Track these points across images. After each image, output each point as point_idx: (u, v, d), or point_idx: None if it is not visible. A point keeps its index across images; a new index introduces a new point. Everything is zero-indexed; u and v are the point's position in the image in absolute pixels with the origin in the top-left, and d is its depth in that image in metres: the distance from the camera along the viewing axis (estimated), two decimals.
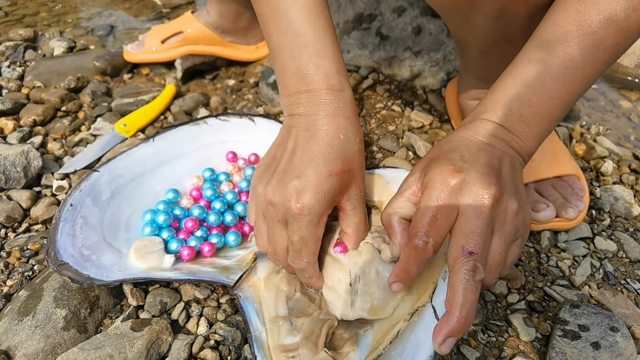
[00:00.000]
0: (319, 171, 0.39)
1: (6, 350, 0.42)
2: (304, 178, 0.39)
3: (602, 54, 0.37)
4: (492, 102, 0.40)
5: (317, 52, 0.41)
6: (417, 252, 0.36)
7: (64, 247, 0.46)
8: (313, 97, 0.42)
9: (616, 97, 0.93)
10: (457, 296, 0.33)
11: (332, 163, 0.40)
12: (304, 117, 0.42)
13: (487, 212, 0.35)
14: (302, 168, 0.39)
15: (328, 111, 0.41)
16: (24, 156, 0.62)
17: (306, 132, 0.41)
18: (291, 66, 0.42)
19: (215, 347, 0.44)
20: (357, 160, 0.42)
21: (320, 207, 0.39)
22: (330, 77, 0.42)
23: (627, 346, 0.43)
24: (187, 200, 0.55)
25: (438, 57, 0.82)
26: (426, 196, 0.37)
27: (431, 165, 0.38)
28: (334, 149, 0.40)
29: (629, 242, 0.60)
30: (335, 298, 0.41)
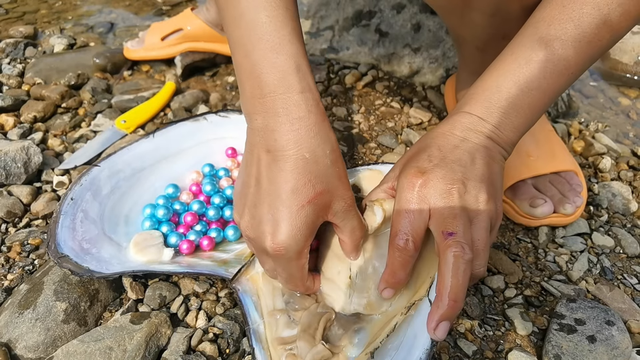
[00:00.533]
0: (289, 205, 0.36)
1: (7, 343, 0.42)
2: (275, 214, 0.36)
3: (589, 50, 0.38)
4: (473, 94, 0.40)
5: (273, 47, 0.36)
6: (399, 251, 0.37)
7: (64, 240, 0.46)
8: (270, 106, 0.36)
9: (615, 94, 0.93)
10: (445, 279, 0.34)
11: (302, 192, 0.36)
12: (263, 134, 0.37)
13: (457, 202, 0.36)
14: (270, 202, 0.36)
15: (287, 125, 0.36)
16: (24, 152, 0.62)
17: (268, 155, 0.37)
18: (245, 64, 0.37)
19: (214, 340, 0.44)
20: (332, 173, 0.38)
21: (298, 243, 0.37)
22: (288, 76, 0.36)
23: (623, 339, 0.43)
24: (186, 195, 0.55)
25: (437, 53, 0.83)
26: (397, 199, 0.39)
27: (404, 166, 0.40)
28: (301, 173, 0.36)
29: (627, 237, 0.60)
30: (334, 290, 0.42)
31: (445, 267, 0.34)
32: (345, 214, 0.39)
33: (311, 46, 0.90)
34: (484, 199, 0.37)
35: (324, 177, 0.37)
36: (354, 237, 0.41)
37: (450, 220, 0.35)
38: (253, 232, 0.38)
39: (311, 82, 0.38)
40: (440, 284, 0.34)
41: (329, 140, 0.38)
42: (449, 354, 0.45)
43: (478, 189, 0.37)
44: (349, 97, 0.81)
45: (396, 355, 0.38)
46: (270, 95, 0.36)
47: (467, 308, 0.49)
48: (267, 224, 0.36)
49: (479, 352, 0.45)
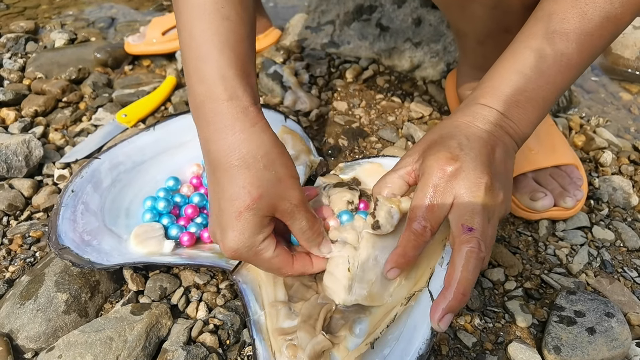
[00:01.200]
0: (229, 213, 0.37)
1: (8, 334, 0.42)
2: (221, 223, 0.38)
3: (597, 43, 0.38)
4: (490, 87, 0.40)
5: (200, 57, 0.37)
6: (415, 235, 0.37)
7: (65, 231, 0.46)
8: (202, 116, 0.38)
9: (617, 89, 0.93)
10: (456, 272, 0.34)
11: (238, 199, 0.37)
12: (203, 143, 0.39)
13: (482, 197, 0.36)
14: (217, 212, 0.38)
15: (215, 134, 0.37)
16: (25, 145, 0.62)
17: (208, 167, 0.39)
18: (186, 75, 0.39)
19: (215, 332, 0.44)
20: (268, 176, 0.37)
21: (246, 244, 0.37)
22: (213, 86, 0.37)
23: (622, 331, 0.43)
24: (187, 188, 0.55)
25: (438, 48, 0.82)
26: (423, 182, 0.38)
27: (429, 150, 0.39)
28: (234, 181, 0.37)
29: (627, 231, 0.60)
30: (334, 282, 0.42)
31: (459, 260, 0.34)
32: (291, 214, 0.39)
33: (312, 40, 0.90)
34: (501, 198, 0.38)
35: (258, 182, 0.37)
36: (306, 237, 0.41)
37: (472, 216, 0.36)
38: (221, 245, 0.39)
39: (239, 89, 0.37)
40: (451, 275, 0.35)
41: (259, 145, 0.37)
42: (449, 346, 0.45)
43: (499, 186, 0.37)
44: (350, 92, 0.81)
45: (396, 345, 0.38)
46: (201, 106, 0.38)
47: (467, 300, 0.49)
48: (217, 232, 0.39)
49: (478, 344, 0.45)
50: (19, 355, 0.42)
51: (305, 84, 0.82)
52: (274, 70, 0.80)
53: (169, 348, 0.42)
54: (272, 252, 0.39)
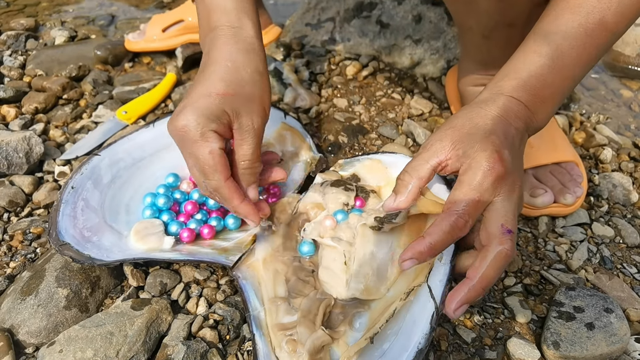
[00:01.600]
0: (197, 92, 0.41)
1: (9, 329, 0.43)
2: (184, 101, 0.41)
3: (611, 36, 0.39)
4: (517, 79, 0.39)
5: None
6: (454, 229, 0.36)
7: (65, 228, 0.46)
8: (213, 36, 0.44)
9: (617, 86, 0.93)
10: (484, 267, 0.35)
11: (212, 85, 0.41)
12: (206, 55, 0.45)
13: (517, 200, 0.38)
14: (186, 95, 0.42)
15: (221, 45, 0.43)
16: (25, 142, 0.62)
17: (201, 68, 0.44)
18: (201, 10, 0.46)
19: (215, 327, 0.44)
20: (249, 89, 0.43)
21: (198, 120, 0.40)
22: (228, 14, 0.44)
23: (621, 326, 0.44)
24: (186, 185, 0.56)
25: (438, 45, 0.82)
26: (471, 177, 0.37)
27: (470, 143, 0.38)
28: (218, 73, 0.42)
29: (627, 228, 0.60)
30: (331, 277, 0.42)
31: (491, 257, 0.35)
32: (247, 132, 0.43)
33: (312, 37, 0.90)
34: (522, 199, 0.39)
35: (238, 85, 0.42)
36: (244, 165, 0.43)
37: (512, 218, 0.36)
38: (168, 123, 0.42)
39: (249, 20, 0.45)
40: (477, 269, 0.35)
41: (254, 63, 0.44)
42: (448, 341, 0.45)
43: (523, 188, 0.39)
44: (350, 89, 0.81)
45: (395, 340, 0.38)
46: (214, 29, 0.45)
47: None
48: (177, 109, 0.41)
49: (477, 340, 0.46)
50: (20, 350, 0.42)
51: (305, 80, 0.82)
52: (274, 67, 0.80)
53: (169, 343, 0.42)
54: (217, 147, 0.41)
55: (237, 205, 0.43)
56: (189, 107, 0.40)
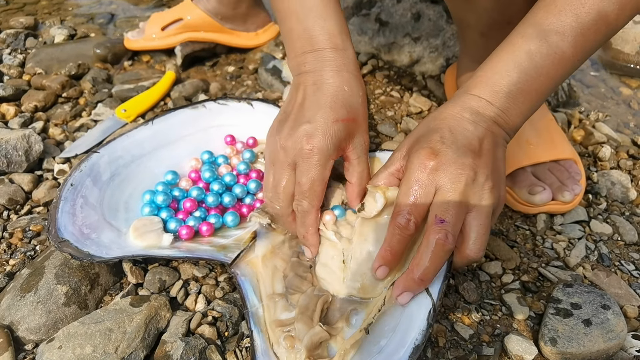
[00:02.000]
0: (326, 117, 0.43)
1: (9, 325, 0.43)
2: (313, 123, 0.42)
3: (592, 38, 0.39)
4: (481, 77, 0.41)
5: (321, 15, 0.45)
6: (399, 229, 0.39)
7: (64, 225, 0.46)
8: (319, 56, 0.45)
9: (617, 84, 0.93)
10: (422, 259, 0.37)
11: (339, 111, 0.43)
12: (311, 74, 0.46)
13: (462, 189, 0.38)
14: (311, 115, 0.43)
15: (333, 67, 0.45)
16: (25, 140, 0.62)
17: (314, 86, 0.45)
18: (298, 29, 0.46)
19: (213, 323, 0.45)
20: (362, 111, 0.46)
21: (329, 148, 0.42)
22: (334, 36, 0.45)
23: (618, 323, 0.44)
24: (185, 182, 0.56)
25: (437, 43, 0.82)
26: (406, 178, 0.39)
27: (414, 146, 0.41)
28: (340, 99, 0.44)
29: (625, 225, 0.60)
30: (329, 274, 0.42)
31: (426, 249, 0.37)
32: (361, 151, 0.46)
33: None
34: (489, 187, 0.39)
35: (356, 110, 0.45)
36: (361, 182, 0.45)
37: (447, 208, 0.37)
38: (291, 140, 0.43)
39: (350, 43, 0.47)
40: (416, 260, 0.37)
41: (362, 86, 0.47)
42: (446, 338, 0.45)
43: (485, 176, 0.39)
44: None
45: (393, 336, 0.39)
46: (319, 50, 0.46)
47: (465, 293, 0.49)
48: (305, 130, 0.43)
49: (475, 336, 0.46)
50: (20, 346, 0.42)
51: None
52: (273, 66, 0.80)
53: (168, 339, 0.42)
54: (327, 176, 0.43)
55: (312, 234, 0.44)
56: (320, 132, 0.42)
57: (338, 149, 0.43)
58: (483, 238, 0.39)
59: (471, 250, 0.39)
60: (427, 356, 0.43)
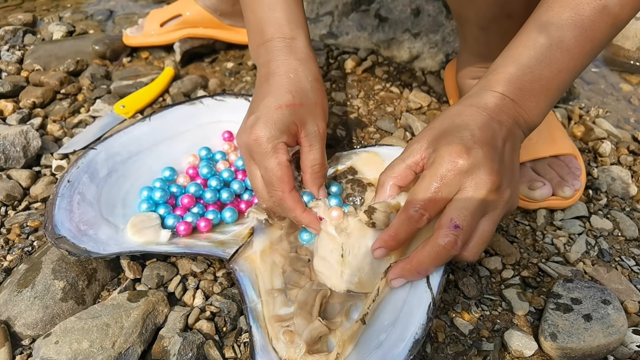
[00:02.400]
0: (269, 105, 0.43)
1: (6, 321, 0.43)
2: (256, 113, 0.43)
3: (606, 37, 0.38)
4: (504, 73, 0.39)
5: (270, 6, 0.46)
6: (410, 221, 0.38)
7: (61, 221, 0.46)
8: (268, 47, 0.47)
9: (617, 80, 0.92)
10: (424, 255, 0.37)
11: (281, 97, 0.44)
12: (264, 67, 0.47)
13: (484, 196, 0.36)
14: (255, 107, 0.44)
15: (280, 56, 0.46)
16: (23, 136, 0.62)
17: (263, 78, 0.46)
18: (252, 21, 0.48)
19: (211, 319, 0.44)
20: (312, 97, 0.46)
21: (271, 133, 0.42)
22: (282, 26, 0.47)
23: (619, 318, 0.43)
24: (183, 178, 0.55)
25: (437, 38, 0.82)
26: (432, 171, 0.37)
27: (441, 140, 0.38)
28: (284, 85, 0.44)
29: (625, 220, 0.60)
30: (327, 268, 0.42)
31: (432, 247, 0.36)
32: (315, 139, 0.45)
33: (311, 32, 0.89)
34: (507, 196, 0.38)
35: (303, 95, 0.45)
36: (314, 170, 0.45)
37: (465, 214, 0.36)
38: (241, 136, 0.44)
39: (301, 32, 0.47)
40: (418, 254, 0.37)
41: (312, 72, 0.47)
42: (445, 333, 0.45)
43: (506, 184, 0.38)
44: (348, 82, 0.81)
45: (392, 330, 0.38)
46: (269, 41, 0.47)
47: (464, 288, 0.49)
48: (249, 123, 0.43)
49: (475, 331, 0.45)
50: (17, 342, 0.42)
51: None
52: None
53: (166, 335, 0.42)
54: (285, 159, 0.43)
55: (300, 214, 0.44)
56: (261, 121, 0.42)
57: (287, 134, 0.43)
58: (484, 243, 0.38)
59: (469, 252, 0.38)
60: (427, 351, 0.43)
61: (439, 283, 0.39)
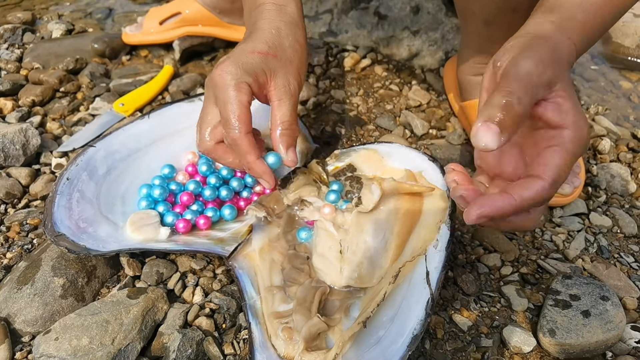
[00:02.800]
0: (243, 48, 0.44)
1: (6, 318, 0.43)
2: (230, 56, 0.43)
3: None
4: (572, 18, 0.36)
5: None
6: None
7: (60, 219, 0.46)
8: (259, 10, 0.47)
9: (616, 77, 0.92)
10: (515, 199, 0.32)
11: (257, 44, 0.44)
12: (252, 26, 0.47)
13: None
14: (232, 51, 0.45)
15: (267, 17, 0.47)
16: (22, 134, 0.62)
17: (246, 35, 0.47)
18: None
19: (211, 315, 0.44)
20: (289, 54, 0.46)
21: (237, 71, 0.42)
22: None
23: (617, 314, 0.43)
24: (182, 176, 0.55)
25: (436, 36, 0.82)
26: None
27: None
28: (263, 37, 0.45)
29: (624, 217, 0.60)
30: (326, 265, 0.42)
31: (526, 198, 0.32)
32: (284, 93, 0.45)
33: (310, 29, 0.89)
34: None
35: (280, 49, 0.45)
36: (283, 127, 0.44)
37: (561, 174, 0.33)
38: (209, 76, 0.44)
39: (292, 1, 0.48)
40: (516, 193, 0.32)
41: (295, 34, 0.47)
42: (444, 329, 0.45)
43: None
44: (348, 80, 0.81)
45: (391, 327, 0.39)
46: (261, 6, 0.47)
47: (463, 285, 0.49)
48: (220, 62, 0.43)
49: (474, 328, 0.46)
50: (17, 339, 0.42)
51: None
52: None
53: (165, 331, 0.42)
54: (246, 99, 0.42)
55: (253, 161, 0.43)
56: (230, 60, 0.43)
57: (254, 79, 0.43)
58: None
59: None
60: (426, 348, 0.43)
61: (438, 279, 0.39)
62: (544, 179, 0.32)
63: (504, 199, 0.32)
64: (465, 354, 0.43)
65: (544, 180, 0.32)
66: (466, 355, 0.43)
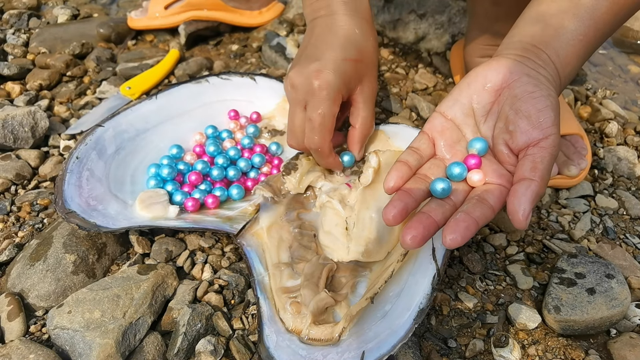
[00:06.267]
0: (336, 55, 0.44)
1: (19, 293, 0.44)
2: (322, 60, 0.44)
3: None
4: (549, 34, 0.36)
5: None
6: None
7: (71, 196, 0.47)
8: (332, 2, 0.47)
9: (625, 62, 0.91)
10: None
11: (349, 50, 0.45)
12: (324, 18, 0.47)
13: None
14: (320, 54, 0.45)
15: (345, 12, 0.46)
16: (31, 117, 0.63)
17: (326, 28, 0.46)
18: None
19: (220, 292, 0.45)
20: (371, 56, 0.47)
21: (337, 82, 0.43)
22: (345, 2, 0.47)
23: (622, 291, 0.44)
24: (190, 156, 0.56)
25: (443, 19, 0.81)
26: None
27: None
28: (351, 40, 0.45)
29: (630, 199, 0.60)
30: (332, 242, 0.42)
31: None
32: (368, 96, 0.47)
33: None
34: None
35: (366, 53, 0.46)
36: (364, 127, 0.47)
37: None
38: (300, 77, 0.44)
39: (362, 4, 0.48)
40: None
41: (373, 32, 0.49)
42: (450, 306, 0.46)
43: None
44: None
45: (397, 301, 0.39)
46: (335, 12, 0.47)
47: (469, 264, 0.49)
48: (314, 67, 0.44)
49: (479, 305, 0.46)
50: (31, 312, 0.43)
51: None
52: (277, 43, 0.80)
53: (175, 306, 0.43)
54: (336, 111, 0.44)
55: (332, 161, 0.47)
56: (331, 68, 0.43)
57: (347, 87, 0.45)
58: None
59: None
60: (431, 323, 0.44)
61: (444, 255, 0.39)
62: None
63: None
64: (470, 330, 0.44)
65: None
66: (472, 331, 0.44)
